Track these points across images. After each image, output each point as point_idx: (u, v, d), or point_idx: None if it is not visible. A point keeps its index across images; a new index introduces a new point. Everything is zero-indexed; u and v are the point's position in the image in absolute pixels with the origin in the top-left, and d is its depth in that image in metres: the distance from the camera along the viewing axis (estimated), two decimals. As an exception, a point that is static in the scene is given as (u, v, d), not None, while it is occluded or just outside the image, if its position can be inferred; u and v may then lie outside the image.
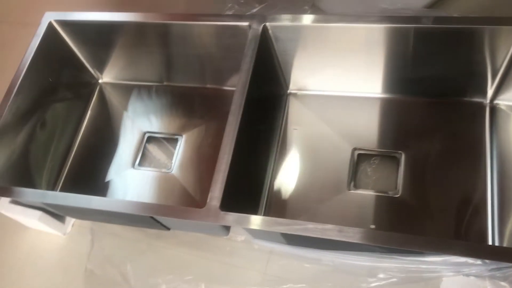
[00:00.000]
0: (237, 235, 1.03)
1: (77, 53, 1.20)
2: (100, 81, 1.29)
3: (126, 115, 1.22)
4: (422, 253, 0.82)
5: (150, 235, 1.07)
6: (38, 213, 1.02)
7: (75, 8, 1.49)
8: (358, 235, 0.72)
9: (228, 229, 1.00)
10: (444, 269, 0.82)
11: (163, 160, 1.15)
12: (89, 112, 1.25)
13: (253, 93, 0.94)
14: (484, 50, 0.95)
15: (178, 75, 1.22)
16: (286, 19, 0.99)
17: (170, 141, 1.17)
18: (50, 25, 1.11)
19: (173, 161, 1.14)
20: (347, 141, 1.07)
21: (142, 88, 1.26)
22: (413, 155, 1.03)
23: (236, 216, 0.80)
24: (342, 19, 0.97)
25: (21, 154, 1.06)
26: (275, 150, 1.09)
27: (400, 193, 0.99)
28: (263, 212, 1.02)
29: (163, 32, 1.09)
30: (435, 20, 0.92)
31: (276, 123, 1.12)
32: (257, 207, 1.02)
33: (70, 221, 1.13)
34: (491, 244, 0.87)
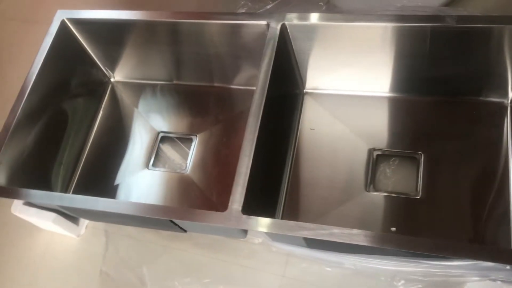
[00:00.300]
0: (255, 237, 1.01)
1: (90, 52, 1.18)
2: (112, 80, 1.27)
3: (139, 115, 1.21)
4: (448, 257, 0.80)
5: (166, 237, 1.06)
6: (53, 215, 1.01)
7: (84, 5, 1.47)
8: (388, 241, 0.71)
9: (246, 231, 0.99)
10: (470, 274, 0.80)
11: (178, 161, 1.14)
12: (101, 112, 1.24)
13: (272, 93, 0.92)
14: (504, 50, 0.93)
15: (191, 74, 1.20)
16: (305, 18, 0.97)
17: (184, 141, 1.16)
18: (63, 24, 1.09)
19: (188, 162, 1.12)
20: (365, 142, 1.05)
21: (154, 87, 1.24)
22: (433, 156, 1.01)
23: (259, 220, 0.78)
24: (360, 18, 0.95)
25: (35, 154, 1.05)
26: (292, 151, 1.08)
27: (421, 195, 0.98)
28: (281, 214, 1.01)
29: (177, 31, 1.07)
30: (454, 19, 0.90)
31: (293, 123, 1.10)
32: (275, 209, 1.01)
33: (84, 223, 1.12)
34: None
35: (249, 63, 1.12)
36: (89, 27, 1.12)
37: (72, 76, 1.16)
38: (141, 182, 1.12)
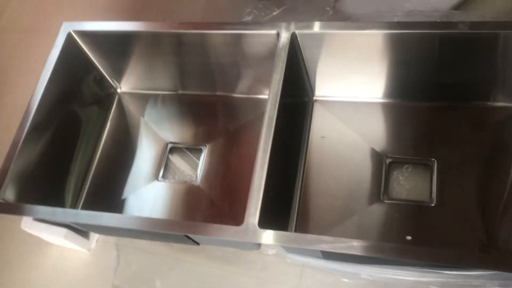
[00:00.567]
0: (268, 249, 1.00)
1: (96, 63, 1.17)
2: (119, 91, 1.26)
3: (147, 126, 1.20)
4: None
5: (178, 250, 1.05)
6: (64, 231, 0.99)
7: (87, 15, 1.47)
8: (410, 253, 0.70)
9: (260, 243, 0.97)
10: (491, 283, 0.79)
11: (188, 172, 1.12)
12: (109, 123, 1.22)
13: (284, 103, 0.91)
14: (512, 55, 0.92)
15: (198, 84, 1.19)
16: (315, 27, 0.96)
17: (194, 152, 1.15)
18: (70, 36, 1.08)
19: (198, 172, 1.11)
20: (377, 149, 1.04)
21: (161, 97, 1.23)
22: (446, 162, 1.00)
23: (277, 234, 0.77)
24: (370, 26, 0.94)
25: (44, 168, 1.04)
26: (303, 160, 1.07)
27: (435, 202, 0.97)
28: (294, 225, 1.00)
29: (186, 41, 1.06)
30: (466, 26, 0.89)
31: (303, 132, 1.09)
32: (288, 220, 1.00)
33: (94, 237, 1.11)
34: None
35: (258, 72, 1.11)
36: (95, 39, 1.11)
37: (79, 88, 1.15)
38: (151, 194, 1.11)
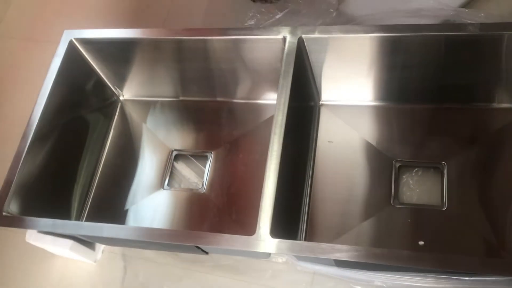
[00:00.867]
0: (278, 257, 0.99)
1: (98, 71, 1.15)
2: (121, 98, 1.24)
3: (151, 133, 1.18)
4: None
5: (186, 260, 1.03)
6: (70, 242, 0.98)
7: (86, 23, 1.45)
8: (431, 262, 0.68)
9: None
10: (508, 289, 0.78)
11: (193, 179, 1.11)
12: (112, 132, 1.21)
13: (292, 109, 0.90)
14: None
15: (201, 90, 1.18)
16: (321, 31, 0.95)
17: (199, 159, 1.13)
18: (71, 44, 1.07)
19: (204, 180, 1.09)
20: (386, 153, 1.03)
21: (164, 104, 1.21)
22: (457, 165, 0.99)
23: (289, 244, 0.76)
24: (377, 29, 0.93)
25: (49, 179, 1.03)
26: (311, 165, 1.05)
27: (447, 206, 0.95)
28: (304, 232, 0.98)
29: (189, 48, 1.04)
30: (477, 28, 0.88)
31: (310, 137, 1.08)
32: (298, 227, 0.98)
33: (100, 248, 1.09)
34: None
35: (263, 77, 1.09)
36: (97, 47, 1.09)
37: (82, 97, 1.13)
38: (157, 203, 1.09)
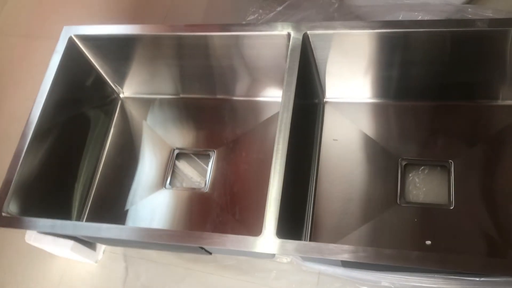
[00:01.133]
0: (283, 257, 0.97)
1: (98, 68, 1.13)
2: (122, 96, 1.22)
3: (152, 131, 1.16)
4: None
5: (189, 260, 1.02)
6: (70, 243, 0.96)
7: (85, 19, 1.42)
8: (441, 262, 0.67)
9: (274, 251, 0.94)
10: (519, 290, 0.77)
11: (196, 178, 1.09)
12: (113, 130, 1.19)
13: (297, 107, 0.88)
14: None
15: (204, 87, 1.16)
16: (327, 27, 0.94)
17: (202, 157, 1.11)
18: (70, 41, 1.04)
19: (207, 179, 1.08)
20: (392, 151, 1.01)
21: (165, 102, 1.20)
22: (464, 164, 0.97)
23: (296, 244, 0.74)
24: (383, 25, 0.92)
25: (49, 178, 1.01)
26: (315, 164, 1.04)
27: (454, 205, 0.94)
28: (309, 232, 0.97)
29: (191, 44, 1.02)
30: (485, 23, 0.86)
31: (314, 135, 1.06)
32: (303, 227, 0.97)
33: (101, 248, 1.07)
34: None
35: (266, 74, 1.08)
36: (97, 43, 1.07)
37: (82, 94, 1.11)
38: (159, 202, 1.07)
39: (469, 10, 1.04)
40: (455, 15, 1.04)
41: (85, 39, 1.06)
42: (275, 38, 0.96)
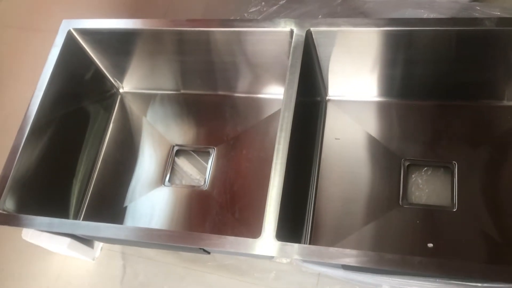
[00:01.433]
0: (282, 257, 0.96)
1: (97, 62, 1.12)
2: (121, 91, 1.20)
3: (151, 127, 1.14)
4: (499, 280, 0.75)
5: (187, 259, 1.00)
6: (67, 240, 0.95)
7: (84, 13, 1.41)
8: (443, 268, 0.65)
9: (274, 252, 0.93)
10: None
11: (195, 176, 1.08)
12: (112, 125, 1.17)
13: (299, 105, 0.87)
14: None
15: (204, 83, 1.14)
16: (330, 24, 0.91)
17: (202, 154, 1.10)
18: (70, 34, 1.03)
19: (207, 177, 1.06)
20: (395, 151, 1.00)
21: (165, 97, 1.18)
22: (468, 165, 0.96)
23: (296, 247, 0.73)
24: (388, 23, 0.89)
25: (46, 174, 1.00)
26: (317, 163, 1.02)
27: (457, 207, 0.92)
28: (309, 233, 0.95)
29: (191, 40, 1.01)
30: (493, 23, 0.85)
31: (316, 133, 1.05)
32: (303, 228, 0.95)
33: (99, 245, 1.06)
34: None
35: (268, 71, 1.06)
36: (96, 37, 1.05)
37: (81, 89, 1.10)
38: (158, 199, 1.06)
39: (477, 8, 1.02)
40: (462, 13, 1.02)
41: (85, 33, 1.04)
42: (278, 35, 0.94)
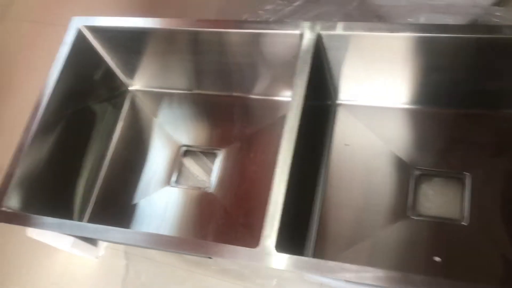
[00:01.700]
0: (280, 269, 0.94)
1: (107, 60, 1.11)
2: (131, 88, 1.20)
3: (160, 126, 1.14)
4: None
5: (190, 262, 1.00)
6: (71, 239, 0.95)
7: (98, 10, 1.40)
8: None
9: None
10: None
11: (201, 177, 1.06)
12: (120, 123, 1.17)
13: (306, 110, 0.85)
14: None
15: (214, 84, 1.13)
16: (342, 27, 0.89)
17: (209, 156, 1.08)
18: (80, 32, 1.02)
19: (213, 179, 1.05)
20: (405, 159, 0.97)
21: (175, 96, 1.17)
22: (481, 177, 0.92)
23: (294, 260, 0.71)
24: (402, 28, 0.86)
25: (52, 172, 1.00)
26: (324, 169, 1.00)
27: (468, 221, 0.89)
28: (313, 239, 0.93)
29: (202, 40, 0.99)
30: (509, 30, 0.81)
31: (325, 138, 1.02)
32: (306, 236, 0.93)
33: (103, 244, 1.06)
34: None
35: (278, 73, 1.04)
36: (108, 35, 1.05)
37: (90, 86, 1.09)
38: (163, 200, 1.05)
39: (497, 14, 0.97)
40: (482, 18, 0.98)
41: (95, 31, 1.04)
42: (288, 37, 0.92)
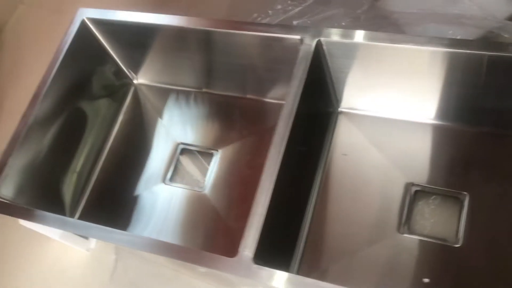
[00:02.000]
0: (257, 282, 0.92)
1: (111, 53, 1.11)
2: (135, 82, 1.20)
3: (161, 122, 1.13)
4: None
5: (177, 262, 0.99)
6: (59, 231, 0.95)
7: (108, 3, 1.39)
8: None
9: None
10: None
11: (196, 177, 1.06)
12: (122, 116, 1.17)
13: (302, 112, 0.83)
14: None
15: (218, 83, 1.12)
16: (344, 35, 0.86)
17: (205, 156, 1.07)
18: (83, 24, 1.02)
19: (207, 179, 1.04)
20: (403, 174, 0.94)
21: (180, 93, 1.16)
22: (480, 197, 0.89)
23: (271, 273, 0.70)
24: (408, 40, 0.83)
25: (47, 163, 1.00)
26: (320, 178, 0.98)
27: (461, 243, 0.86)
28: (302, 250, 0.92)
29: (207, 39, 0.98)
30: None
31: (323, 146, 1.00)
32: (295, 244, 0.92)
33: (95, 237, 1.06)
34: None
35: (279, 76, 1.02)
36: (113, 29, 1.04)
37: (92, 78, 1.09)
38: (156, 198, 1.05)
39: (510, 28, 0.93)
40: (492, 33, 0.94)
41: (100, 23, 1.04)
42: (288, 42, 0.90)
